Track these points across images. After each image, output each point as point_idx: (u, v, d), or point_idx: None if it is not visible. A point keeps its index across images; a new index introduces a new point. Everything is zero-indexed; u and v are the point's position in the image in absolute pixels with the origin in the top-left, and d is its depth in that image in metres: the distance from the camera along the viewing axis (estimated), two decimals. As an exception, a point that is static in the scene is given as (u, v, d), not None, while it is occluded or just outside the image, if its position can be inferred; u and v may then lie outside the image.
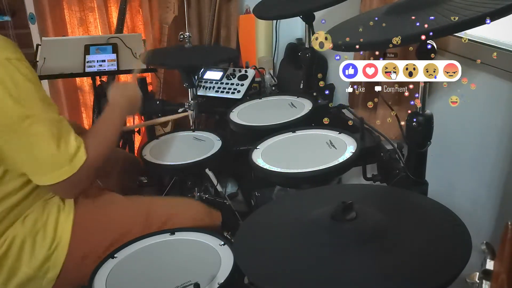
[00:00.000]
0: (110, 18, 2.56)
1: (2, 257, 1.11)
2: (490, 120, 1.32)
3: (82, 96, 2.70)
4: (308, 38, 1.80)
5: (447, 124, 1.46)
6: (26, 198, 1.15)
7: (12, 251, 1.12)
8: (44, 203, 1.19)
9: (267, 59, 2.66)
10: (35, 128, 1.03)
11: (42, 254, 1.13)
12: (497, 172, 1.31)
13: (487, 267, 0.68)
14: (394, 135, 1.59)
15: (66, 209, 1.19)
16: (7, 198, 1.11)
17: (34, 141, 1.03)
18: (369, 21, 1.06)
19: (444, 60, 0.97)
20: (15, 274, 1.12)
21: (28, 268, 1.12)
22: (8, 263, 1.12)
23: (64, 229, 1.16)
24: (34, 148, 1.04)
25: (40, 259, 1.13)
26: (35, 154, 1.05)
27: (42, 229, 1.15)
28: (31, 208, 1.17)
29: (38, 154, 1.05)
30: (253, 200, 1.92)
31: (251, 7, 2.58)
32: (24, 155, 1.05)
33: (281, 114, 1.61)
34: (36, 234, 1.14)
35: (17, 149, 1.04)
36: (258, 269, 0.79)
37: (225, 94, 2.30)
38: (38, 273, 1.13)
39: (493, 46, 1.29)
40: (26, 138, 1.03)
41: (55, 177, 1.07)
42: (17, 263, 1.12)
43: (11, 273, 1.12)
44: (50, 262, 1.14)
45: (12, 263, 1.12)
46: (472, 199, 1.43)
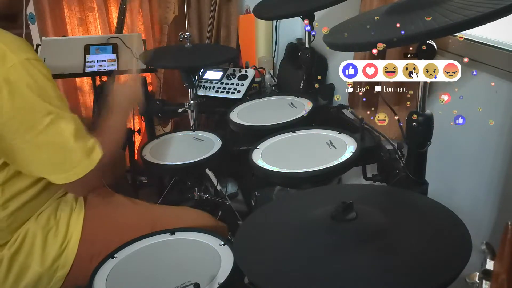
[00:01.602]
0: (110, 18, 2.56)
1: (15, 252, 1.13)
2: (490, 120, 1.32)
3: (82, 96, 2.70)
4: (308, 38, 1.80)
5: (447, 124, 1.46)
6: (39, 195, 1.16)
7: (25, 247, 1.14)
8: (57, 202, 1.21)
9: (267, 59, 2.66)
10: (57, 125, 1.03)
11: (53, 252, 1.14)
12: (497, 172, 1.31)
13: (487, 267, 0.68)
14: (394, 135, 1.59)
15: (77, 208, 1.21)
16: (20, 194, 1.12)
17: (55, 137, 1.04)
18: (369, 21, 1.06)
19: (444, 60, 0.97)
20: (26, 271, 1.13)
21: (39, 266, 1.13)
22: (20, 259, 1.13)
23: (75, 228, 1.18)
24: (53, 145, 1.05)
25: (51, 257, 1.14)
26: (55, 151, 1.05)
27: (54, 227, 1.17)
28: (45, 205, 1.19)
29: (58, 151, 1.05)
30: (253, 200, 1.92)
31: (251, 7, 2.58)
32: (43, 154, 1.05)
33: (281, 114, 1.61)
34: (48, 231, 1.16)
35: (37, 149, 1.04)
36: (258, 269, 0.79)
37: (225, 94, 2.30)
38: (48, 271, 1.14)
39: (493, 46, 1.29)
40: (46, 135, 1.03)
41: (73, 174, 1.07)
42: (29, 260, 1.13)
43: (22, 270, 1.13)
44: (60, 260, 1.15)
45: (24, 259, 1.13)
46: (472, 199, 1.43)
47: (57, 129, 1.04)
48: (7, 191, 1.10)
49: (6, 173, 1.08)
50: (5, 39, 1.02)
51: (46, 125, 1.02)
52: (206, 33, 2.58)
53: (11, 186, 1.10)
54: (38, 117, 1.02)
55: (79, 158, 1.07)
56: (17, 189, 1.12)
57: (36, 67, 1.02)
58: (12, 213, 1.12)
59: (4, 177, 1.08)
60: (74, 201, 1.23)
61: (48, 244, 1.15)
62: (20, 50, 1.02)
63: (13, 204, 1.12)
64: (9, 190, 1.10)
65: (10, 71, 0.98)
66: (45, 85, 1.03)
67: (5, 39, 1.02)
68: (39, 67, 1.03)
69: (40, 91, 1.02)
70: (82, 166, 1.07)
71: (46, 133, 1.03)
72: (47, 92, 1.03)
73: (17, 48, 1.02)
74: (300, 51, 1.85)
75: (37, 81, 1.02)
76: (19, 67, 0.99)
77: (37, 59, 1.04)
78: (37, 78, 1.02)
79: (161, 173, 1.88)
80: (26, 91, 1.00)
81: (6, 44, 1.01)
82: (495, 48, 1.28)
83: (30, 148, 1.04)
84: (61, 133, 1.04)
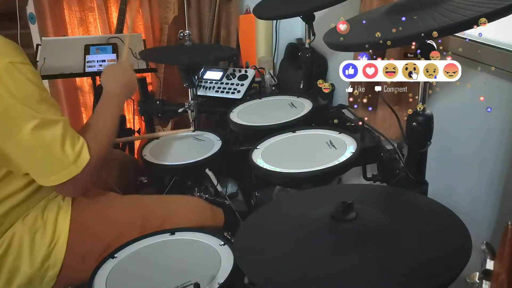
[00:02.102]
0: (110, 18, 2.56)
1: (2, 255, 1.12)
2: (490, 120, 1.32)
3: (82, 96, 2.70)
4: (308, 38, 1.80)
5: (447, 124, 1.46)
6: (29, 198, 1.16)
7: (12, 250, 1.13)
8: (45, 202, 1.20)
9: (267, 59, 2.66)
10: (41, 130, 1.03)
11: (41, 252, 1.14)
12: (497, 172, 1.31)
13: (487, 267, 0.68)
14: (394, 135, 1.59)
15: (64, 207, 1.20)
16: (9, 197, 1.12)
17: (40, 142, 1.04)
18: (369, 21, 1.06)
19: (444, 60, 0.97)
20: (16, 274, 1.13)
21: (28, 267, 1.13)
22: (8, 262, 1.12)
23: (62, 226, 1.17)
24: (39, 150, 1.04)
25: (40, 257, 1.13)
26: (40, 155, 1.05)
27: (41, 227, 1.16)
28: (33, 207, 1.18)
29: (44, 156, 1.05)
30: (253, 200, 1.92)
31: (251, 7, 2.58)
32: (29, 157, 1.05)
33: (281, 114, 1.61)
34: (35, 232, 1.15)
35: (22, 152, 1.04)
36: (258, 269, 0.79)
37: (225, 94, 2.30)
38: (38, 272, 1.14)
39: (493, 46, 1.28)
40: (32, 140, 1.02)
41: (60, 178, 1.07)
42: (18, 262, 1.13)
43: (12, 273, 1.13)
44: (50, 260, 1.14)
45: (12, 262, 1.12)
46: (472, 199, 1.43)
47: (41, 134, 1.03)
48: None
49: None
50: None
51: (31, 130, 1.01)
52: (206, 33, 2.58)
53: (1, 189, 1.10)
54: (20, 122, 1.01)
55: (65, 162, 1.06)
56: (6, 193, 1.11)
57: (21, 71, 1.00)
58: (0, 217, 1.11)
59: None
60: (61, 199, 1.21)
61: (36, 244, 1.14)
62: (5, 53, 1.01)
63: (3, 207, 1.11)
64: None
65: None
66: (29, 89, 1.02)
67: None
68: (24, 71, 1.01)
69: (23, 96, 1.00)
70: (69, 170, 1.07)
71: (29, 137, 1.02)
72: (31, 97, 1.02)
73: (2, 51, 1.01)
74: (300, 51, 1.85)
75: (20, 86, 1.00)
76: (2, 71, 0.98)
77: (23, 62, 1.02)
78: (21, 83, 1.00)
79: (161, 173, 1.88)
80: (6, 96, 0.99)
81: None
82: (495, 48, 1.28)
83: (17, 152, 1.04)
84: (45, 138, 1.04)
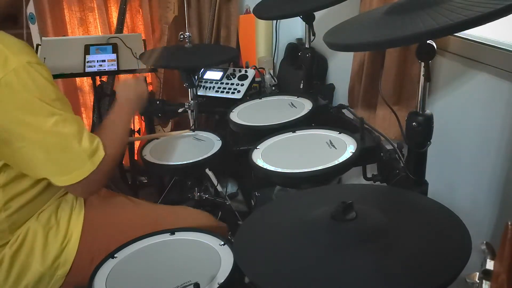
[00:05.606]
0: (110, 18, 2.56)
1: (16, 251, 1.13)
2: (490, 120, 1.32)
3: (82, 96, 2.70)
4: (308, 38, 1.80)
5: (447, 124, 1.46)
6: (40, 195, 1.17)
7: (26, 246, 1.14)
8: (59, 201, 1.22)
9: (267, 59, 2.66)
10: (61, 127, 1.04)
11: (53, 250, 1.15)
12: (497, 172, 1.31)
13: (487, 267, 0.68)
14: (394, 135, 1.59)
15: (77, 208, 1.22)
16: (21, 194, 1.13)
17: (60, 138, 1.05)
18: (369, 21, 1.06)
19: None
20: (26, 271, 1.13)
21: (39, 265, 1.14)
22: (21, 258, 1.13)
23: (75, 227, 1.18)
24: (58, 146, 1.05)
25: (52, 255, 1.14)
26: (59, 152, 1.05)
27: (55, 225, 1.17)
28: (46, 205, 1.19)
29: (62, 153, 1.06)
30: (253, 200, 1.92)
31: (251, 7, 2.58)
32: (47, 155, 1.05)
33: (281, 114, 1.61)
34: (49, 230, 1.16)
35: (42, 150, 1.04)
36: (258, 269, 0.79)
37: (225, 94, 2.30)
38: (49, 270, 1.15)
39: (493, 46, 1.28)
40: (52, 136, 1.04)
41: (75, 176, 1.07)
42: (30, 258, 1.13)
43: (23, 269, 1.13)
44: (61, 259, 1.15)
45: (25, 258, 1.13)
46: (472, 199, 1.43)
47: (61, 130, 1.04)
48: (8, 192, 1.10)
49: (7, 174, 1.09)
50: (6, 42, 1.02)
51: (50, 126, 1.03)
52: (206, 33, 2.58)
53: (12, 187, 1.11)
54: (41, 119, 1.02)
55: (82, 160, 1.07)
56: (18, 190, 1.12)
57: (38, 70, 1.02)
58: (13, 214, 1.12)
59: (5, 178, 1.09)
60: (74, 200, 1.23)
61: (49, 242, 1.15)
62: (21, 53, 1.02)
63: (14, 204, 1.12)
64: (10, 191, 1.10)
65: (12, 74, 0.98)
66: (46, 88, 1.04)
67: (7, 42, 1.03)
68: (41, 70, 1.03)
69: (42, 94, 1.02)
70: (85, 167, 1.08)
71: (50, 134, 1.03)
72: (49, 95, 1.04)
73: (19, 51, 1.02)
74: (300, 51, 1.84)
75: (39, 84, 1.02)
76: (20, 70, 1.00)
77: (38, 62, 1.04)
78: (39, 81, 1.02)
79: (161, 173, 1.89)
80: (28, 94, 1.01)
81: (7, 46, 1.01)
82: (495, 48, 1.27)
83: (34, 150, 1.04)
84: (65, 134, 1.05)
